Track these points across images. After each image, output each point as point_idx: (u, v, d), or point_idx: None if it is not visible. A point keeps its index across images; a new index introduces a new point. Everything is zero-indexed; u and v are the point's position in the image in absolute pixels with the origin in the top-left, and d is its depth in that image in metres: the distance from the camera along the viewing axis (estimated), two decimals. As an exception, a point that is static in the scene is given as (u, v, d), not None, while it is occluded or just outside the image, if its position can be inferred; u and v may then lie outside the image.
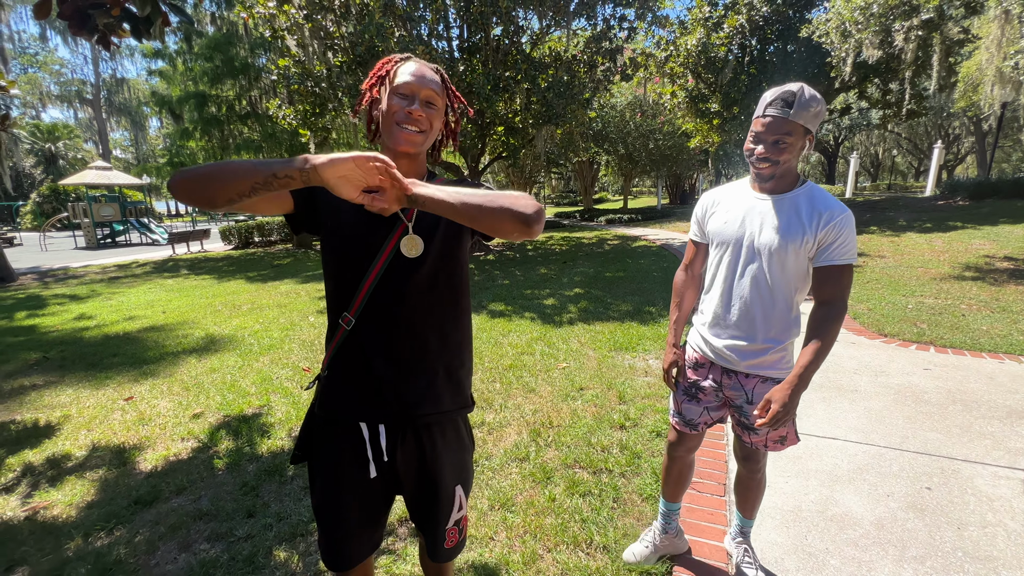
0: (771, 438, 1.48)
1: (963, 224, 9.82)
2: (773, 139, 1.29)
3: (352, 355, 1.05)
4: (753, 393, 1.45)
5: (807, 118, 1.27)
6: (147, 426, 3.07)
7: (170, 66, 12.59)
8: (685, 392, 1.60)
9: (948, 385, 3.24)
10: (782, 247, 1.33)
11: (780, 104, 1.27)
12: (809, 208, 1.32)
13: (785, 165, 1.33)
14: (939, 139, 29.08)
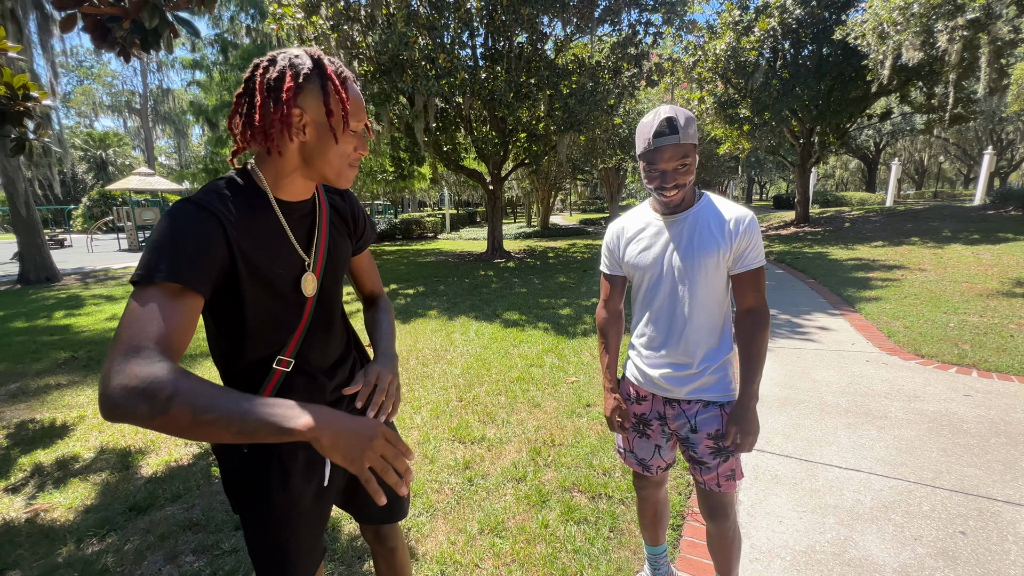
0: (722, 473, 1.38)
1: (1015, 236, 9.18)
2: (674, 165, 1.27)
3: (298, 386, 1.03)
4: (696, 420, 1.38)
5: (692, 135, 1.27)
6: (155, 430, 3.11)
7: (207, 77, 13.11)
8: (634, 428, 1.52)
9: (991, 414, 2.97)
10: (700, 263, 1.31)
11: (667, 134, 1.25)
12: (717, 219, 1.32)
13: (690, 187, 1.34)
14: (990, 144, 27.49)
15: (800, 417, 3.01)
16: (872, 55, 8.63)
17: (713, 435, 1.36)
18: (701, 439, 1.37)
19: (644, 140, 1.28)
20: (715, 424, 1.37)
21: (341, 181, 0.96)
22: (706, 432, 1.37)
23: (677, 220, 1.36)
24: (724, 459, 1.37)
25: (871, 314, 5.20)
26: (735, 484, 1.40)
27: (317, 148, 0.92)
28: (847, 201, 22.29)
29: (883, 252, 9.22)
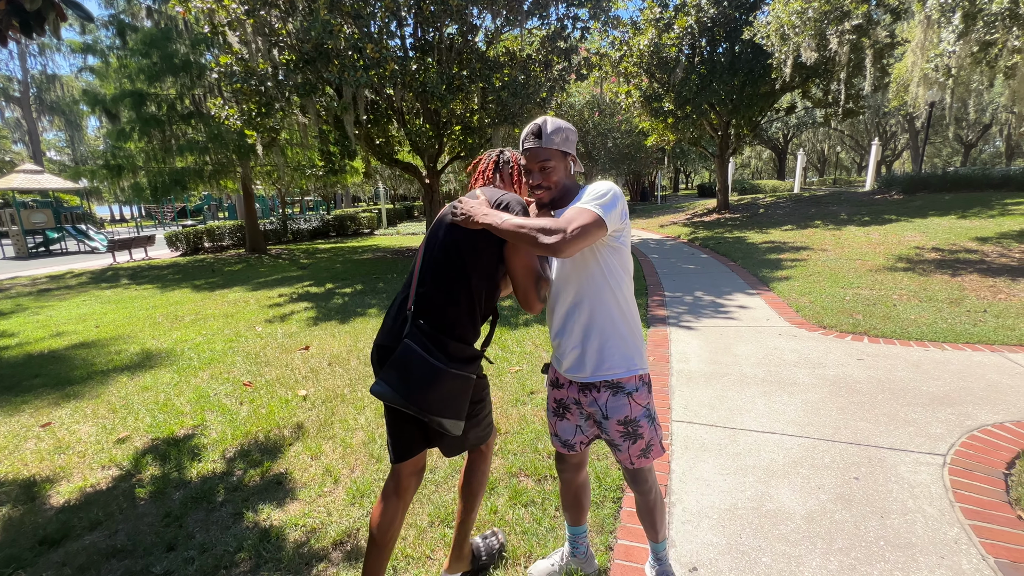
0: (633, 453, 1.48)
1: (897, 217, 10.43)
2: (538, 167, 1.43)
3: None
4: (607, 407, 1.46)
5: (558, 143, 1.42)
6: (64, 455, 2.83)
7: (103, 63, 11.79)
8: (554, 413, 1.62)
9: (878, 375, 3.40)
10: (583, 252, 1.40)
11: (532, 138, 1.42)
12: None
13: (558, 187, 1.45)
14: (877, 136, 30.86)
15: (723, 389, 3.28)
16: (776, 54, 9.41)
17: (623, 421, 1.46)
18: (612, 425, 1.47)
19: (521, 143, 1.48)
20: (623, 411, 1.46)
21: None
22: (616, 419, 1.46)
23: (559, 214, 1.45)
24: (633, 441, 1.47)
25: (782, 292, 5.73)
26: (647, 460, 1.51)
27: None
28: (761, 188, 24.18)
29: (792, 235, 10.14)
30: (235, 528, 2.12)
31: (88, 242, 17.63)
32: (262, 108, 8.66)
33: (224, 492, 2.39)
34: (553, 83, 10.33)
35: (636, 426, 1.46)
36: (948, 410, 2.86)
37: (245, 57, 8.30)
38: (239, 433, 2.96)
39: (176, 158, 11.71)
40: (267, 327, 5.47)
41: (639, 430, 1.46)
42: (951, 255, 6.93)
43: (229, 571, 1.88)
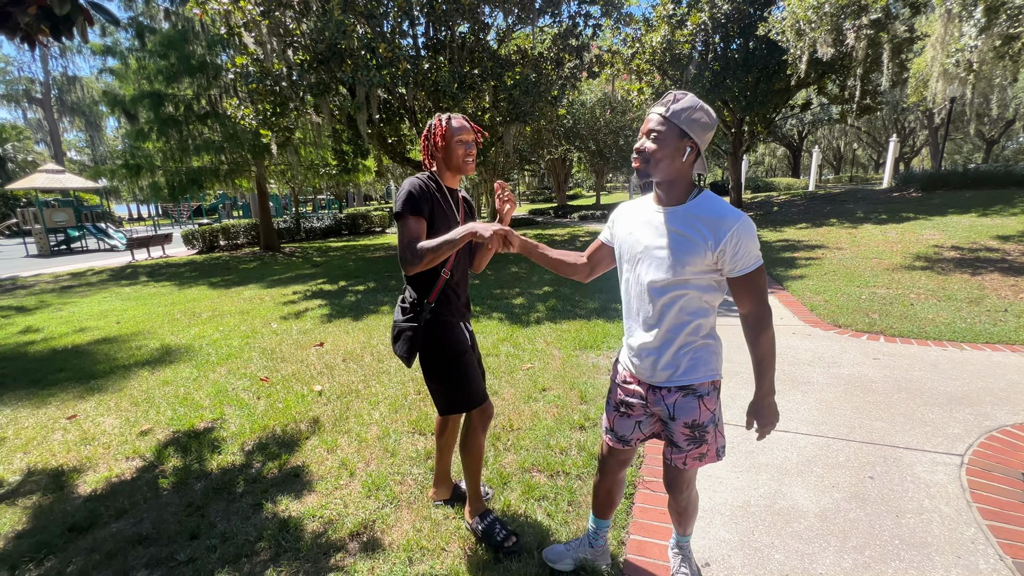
0: (691, 456, 1.45)
1: (915, 215, 10.24)
2: (649, 131, 1.31)
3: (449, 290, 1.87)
4: (675, 408, 1.42)
5: (684, 120, 1.27)
6: (89, 446, 2.92)
7: (122, 64, 12.02)
8: (615, 409, 1.58)
9: (895, 374, 3.36)
10: (680, 262, 1.31)
11: (661, 104, 1.31)
12: (704, 219, 1.30)
13: (659, 166, 1.31)
14: (895, 133, 30.27)
15: (737, 387, 3.27)
16: (791, 50, 9.29)
17: (690, 424, 1.41)
18: (678, 426, 1.42)
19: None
20: (692, 414, 1.40)
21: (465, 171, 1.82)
22: (683, 420, 1.41)
23: (667, 213, 1.36)
24: (697, 445, 1.43)
25: (796, 290, 5.67)
26: (700, 464, 1.48)
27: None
28: (775, 186, 23.87)
29: (806, 233, 10.01)
30: (255, 518, 2.17)
31: (108, 240, 18.02)
32: (277, 108, 8.79)
33: (244, 483, 2.45)
34: (565, 81, 10.32)
35: (703, 431, 1.42)
36: (966, 410, 2.82)
37: (260, 58, 8.42)
38: (257, 427, 3.03)
39: (193, 157, 11.90)
40: (282, 324, 5.55)
41: (705, 435, 1.42)
42: (971, 254, 6.80)
43: (250, 560, 1.93)
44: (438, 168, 1.83)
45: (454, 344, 1.86)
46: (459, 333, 1.89)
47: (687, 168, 1.33)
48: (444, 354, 1.84)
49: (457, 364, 1.85)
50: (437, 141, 1.78)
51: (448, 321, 1.86)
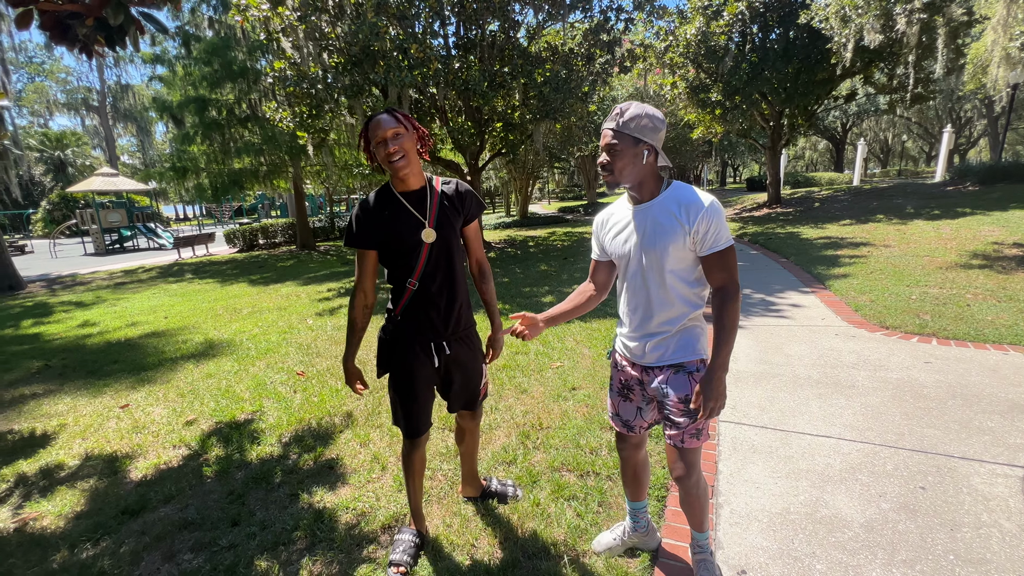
0: (687, 431, 1.50)
1: (972, 210, 9.61)
2: (606, 147, 1.43)
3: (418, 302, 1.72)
4: (667, 384, 1.52)
5: (634, 129, 1.39)
6: (140, 434, 3.09)
7: (170, 71, 12.63)
8: (618, 393, 1.68)
9: (949, 379, 3.17)
10: (664, 249, 1.44)
11: (611, 119, 1.43)
12: (678, 205, 1.42)
13: (623, 174, 1.43)
14: (949, 123, 28.49)
15: (774, 390, 3.15)
16: (836, 38, 8.85)
17: (682, 398, 1.50)
18: (672, 401, 1.51)
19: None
20: (684, 389, 1.50)
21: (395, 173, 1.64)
22: (676, 395, 1.51)
23: (642, 209, 1.48)
24: (692, 420, 1.49)
25: (839, 290, 5.42)
26: (697, 442, 1.52)
27: None
28: (817, 181, 22.89)
29: (851, 230, 9.56)
30: (292, 508, 2.24)
31: (156, 239, 19.01)
32: (313, 110, 9.03)
33: (281, 474, 2.53)
34: (596, 77, 10.18)
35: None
36: (1030, 419, 2.62)
37: (297, 61, 8.67)
38: (293, 419, 3.13)
39: (234, 159, 12.40)
40: (317, 320, 5.71)
41: (698, 409, 1.48)
42: (1035, 251, 6.33)
43: (287, 548, 1.99)
44: (390, 175, 1.68)
45: (398, 367, 1.76)
46: (410, 357, 1.74)
47: (651, 168, 1.45)
48: (391, 373, 1.79)
49: (394, 388, 1.78)
50: (365, 148, 1.65)
51: (403, 340, 1.74)
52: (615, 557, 1.83)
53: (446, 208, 1.69)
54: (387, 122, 1.56)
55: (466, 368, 1.84)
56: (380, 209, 1.64)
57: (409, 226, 1.63)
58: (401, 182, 1.64)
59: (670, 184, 1.48)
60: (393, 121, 1.56)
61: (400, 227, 1.63)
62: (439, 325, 1.73)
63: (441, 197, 1.69)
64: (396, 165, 1.57)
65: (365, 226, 1.64)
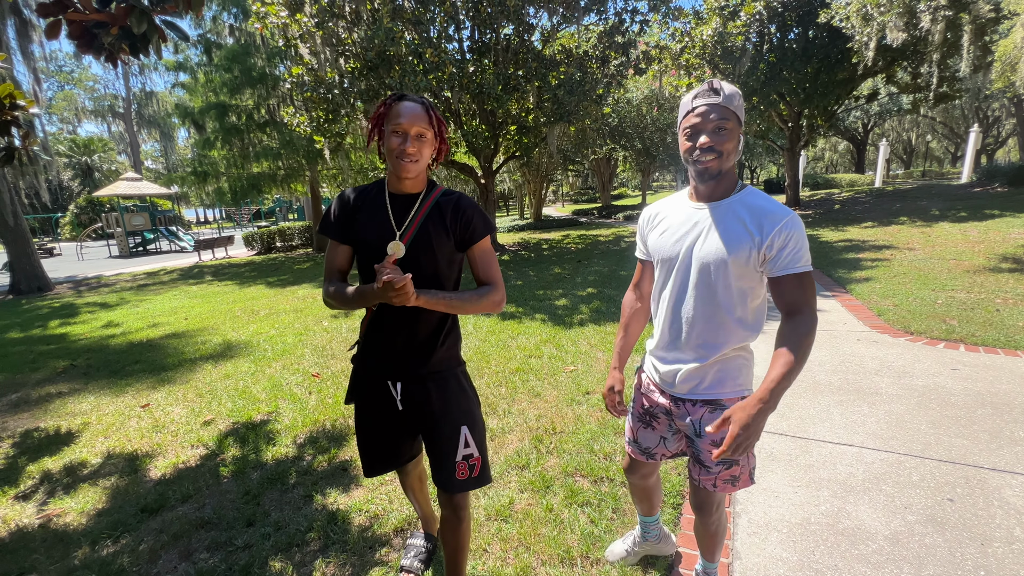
0: (721, 477, 1.32)
1: (1001, 212, 9.32)
2: (713, 126, 1.20)
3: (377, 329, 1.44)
4: (701, 424, 1.32)
5: (736, 106, 1.21)
6: (160, 433, 3.15)
7: (192, 78, 12.95)
8: (640, 419, 1.50)
9: (978, 386, 3.06)
10: (725, 259, 1.22)
11: (708, 94, 1.21)
12: (751, 214, 1.22)
13: (728, 160, 1.23)
14: (976, 122, 27.68)
15: (794, 396, 3.08)
16: (857, 37, 8.67)
17: (718, 442, 1.29)
18: (706, 444, 1.32)
19: (686, 105, 1.25)
20: (722, 432, 1.27)
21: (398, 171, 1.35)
22: (711, 438, 1.30)
23: (709, 209, 1.27)
24: (728, 466, 1.31)
25: (861, 294, 5.29)
26: (733, 488, 1.34)
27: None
28: (837, 183, 22.44)
29: (873, 233, 9.33)
30: (306, 509, 2.26)
31: (178, 242, 19.46)
32: (329, 115, 9.16)
33: (296, 475, 2.55)
34: (610, 79, 10.15)
35: None
36: (1065, 429, 2.52)
37: (314, 67, 8.81)
38: (308, 421, 3.15)
39: (253, 164, 12.65)
40: (332, 322, 5.77)
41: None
42: (1069, 254, 6.10)
43: (301, 549, 2.01)
44: (388, 168, 1.40)
45: (359, 398, 1.54)
46: (370, 390, 1.49)
47: (736, 159, 1.26)
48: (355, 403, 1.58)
49: (356, 418, 1.57)
50: (374, 124, 1.38)
51: (365, 368, 1.49)
52: (630, 566, 1.80)
53: (433, 223, 1.37)
54: (419, 117, 1.30)
55: (436, 425, 1.44)
56: (362, 202, 1.41)
57: (379, 232, 1.37)
58: (398, 181, 1.38)
59: (744, 187, 1.27)
60: (426, 119, 1.32)
61: (370, 229, 1.38)
62: (399, 360, 1.42)
63: (432, 209, 1.38)
64: (405, 165, 1.31)
65: (341, 216, 1.42)
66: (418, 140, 1.31)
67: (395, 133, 1.30)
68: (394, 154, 1.31)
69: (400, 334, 1.40)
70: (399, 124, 1.29)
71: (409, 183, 1.38)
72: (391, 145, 1.31)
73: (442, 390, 1.44)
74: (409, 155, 1.31)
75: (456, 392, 1.47)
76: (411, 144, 1.30)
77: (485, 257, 1.44)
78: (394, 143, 1.30)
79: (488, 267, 1.43)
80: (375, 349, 1.45)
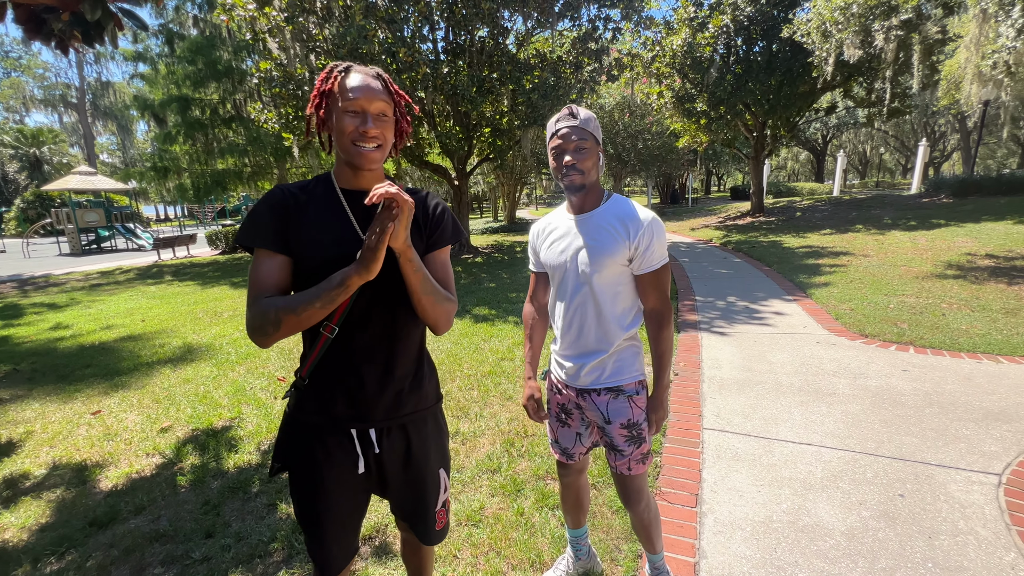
0: (634, 458, 1.47)
1: (946, 222, 9.90)
2: (573, 146, 1.36)
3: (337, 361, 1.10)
4: (608, 411, 1.46)
5: (593, 128, 1.38)
6: (112, 441, 2.98)
7: (152, 69, 12.42)
8: (556, 419, 1.61)
9: (926, 387, 3.23)
10: (602, 260, 1.39)
11: (568, 118, 1.37)
12: (619, 219, 1.40)
13: (590, 175, 1.39)
14: (924, 136, 29.38)
15: (757, 398, 3.18)
16: (817, 52, 9.09)
17: (626, 424, 1.45)
18: (615, 429, 1.46)
19: (551, 128, 1.41)
20: (625, 414, 1.44)
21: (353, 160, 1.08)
22: (619, 422, 1.45)
23: (584, 219, 1.44)
24: (637, 445, 1.46)
25: (820, 298, 5.52)
26: (644, 467, 1.49)
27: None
28: (798, 191, 23.37)
29: (831, 239, 9.76)
30: (269, 519, 2.18)
31: (136, 240, 18.57)
32: (299, 111, 8.94)
33: (259, 483, 2.46)
34: (583, 85, 10.27)
35: (639, 429, 1.46)
36: (1004, 427, 2.69)
37: (284, 62, 8.59)
38: (273, 426, 3.05)
39: (217, 160, 12.22)
40: (300, 324, 5.62)
41: (643, 433, 1.46)
42: (1007, 262, 6.52)
43: (263, 560, 1.93)
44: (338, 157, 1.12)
45: (298, 464, 1.14)
46: (318, 451, 1.12)
47: (599, 173, 1.43)
48: (290, 472, 1.17)
49: (295, 497, 1.16)
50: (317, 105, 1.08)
51: (310, 421, 1.12)
52: None
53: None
54: (377, 91, 1.05)
55: (416, 476, 1.19)
56: (306, 202, 1.09)
57: (340, 237, 1.07)
58: (354, 175, 1.11)
59: (611, 196, 1.46)
60: (384, 93, 1.07)
61: (325, 236, 1.07)
62: (369, 401, 1.10)
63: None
64: (366, 154, 1.05)
65: (276, 219, 1.06)
66: (380, 121, 1.06)
67: (349, 113, 1.04)
68: (350, 139, 1.04)
69: (374, 363, 1.10)
70: (354, 101, 1.03)
71: (368, 176, 1.11)
72: (345, 128, 1.04)
73: (421, 433, 1.19)
74: (372, 138, 1.05)
75: (434, 432, 1.23)
76: (373, 125, 1.04)
77: (446, 266, 1.20)
78: (349, 125, 1.04)
79: (448, 277, 1.19)
80: (330, 391, 1.10)
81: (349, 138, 1.04)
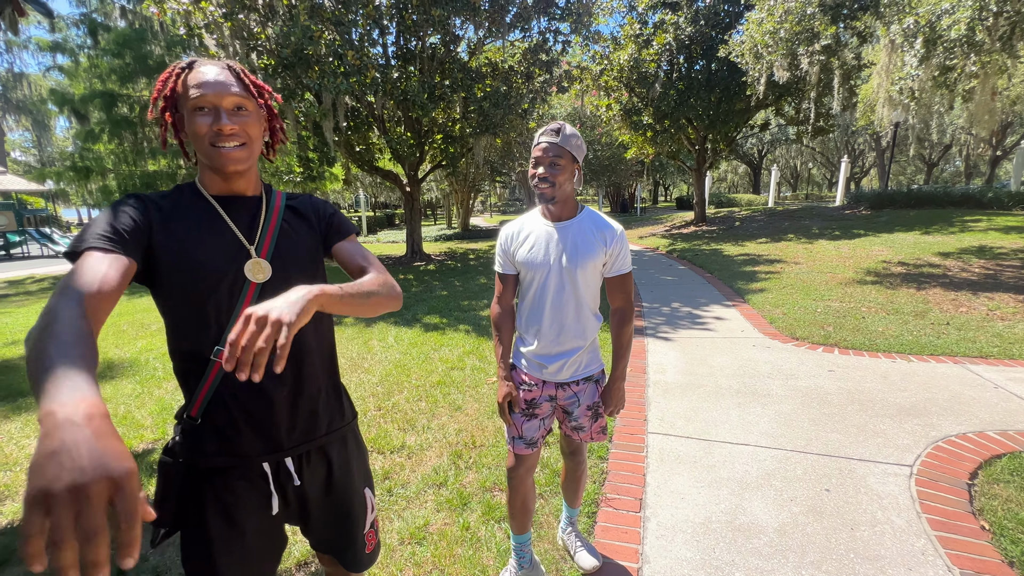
0: (594, 430, 1.69)
1: (865, 232, 10.78)
2: (549, 161, 1.47)
3: (236, 388, 0.95)
4: (581, 396, 1.64)
5: (572, 146, 1.48)
6: (11, 471, 2.67)
7: (72, 62, 11.45)
8: (523, 414, 1.65)
9: (848, 386, 3.47)
10: (583, 265, 1.52)
11: (551, 133, 1.47)
12: (598, 228, 1.55)
13: (562, 188, 1.49)
14: (846, 154, 32.03)
15: (699, 400, 3.30)
16: (751, 72, 9.71)
17: (591, 405, 1.65)
18: (582, 410, 1.65)
19: (536, 137, 1.52)
20: (592, 397, 1.65)
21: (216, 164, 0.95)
22: (586, 404, 1.65)
23: (564, 226, 1.56)
24: (595, 420, 1.67)
25: (757, 303, 5.83)
26: (603, 436, 1.71)
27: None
28: (737, 202, 24.77)
29: (766, 248, 10.38)
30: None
31: (52, 246, 16.96)
32: (239, 112, 8.49)
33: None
34: (535, 95, 10.43)
35: (597, 407, 1.66)
36: (914, 421, 2.92)
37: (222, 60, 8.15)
38: (202, 448, 2.84)
39: (148, 161, 11.40)
40: (238, 336, 5.30)
41: (599, 410, 1.67)
42: (916, 269, 7.18)
43: (184, 596, 1.77)
44: (199, 163, 1.00)
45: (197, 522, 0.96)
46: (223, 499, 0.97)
47: (574, 188, 1.55)
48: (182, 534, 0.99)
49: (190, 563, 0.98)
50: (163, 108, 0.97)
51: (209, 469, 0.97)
52: None
53: (291, 231, 1.04)
54: (228, 84, 0.92)
55: (341, 500, 1.10)
56: (171, 211, 0.94)
57: (222, 251, 0.95)
58: (223, 180, 0.98)
59: (584, 208, 1.60)
60: (237, 84, 0.94)
61: (205, 250, 0.93)
62: (281, 426, 0.99)
63: (284, 214, 1.04)
64: (228, 155, 0.93)
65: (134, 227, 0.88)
66: (238, 115, 0.93)
67: (199, 111, 0.91)
68: (207, 140, 0.91)
69: (280, 382, 0.97)
70: (202, 98, 0.90)
71: (240, 181, 0.98)
72: (198, 129, 0.91)
73: (342, 454, 1.10)
74: (230, 135, 0.92)
75: (354, 450, 1.15)
76: (228, 121, 0.91)
77: (356, 246, 1.12)
78: (202, 126, 0.91)
79: (364, 254, 1.10)
80: (232, 425, 0.96)
81: (206, 139, 0.92)
